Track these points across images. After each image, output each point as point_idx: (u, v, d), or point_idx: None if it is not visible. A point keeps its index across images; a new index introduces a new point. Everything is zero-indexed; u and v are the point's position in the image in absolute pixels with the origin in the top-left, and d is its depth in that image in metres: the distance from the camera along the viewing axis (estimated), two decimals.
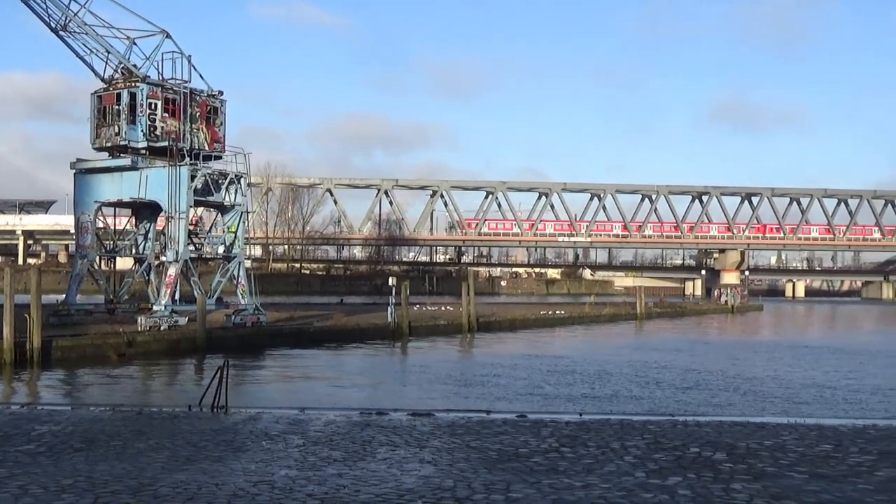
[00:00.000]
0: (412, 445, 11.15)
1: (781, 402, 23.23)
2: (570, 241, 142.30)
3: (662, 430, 12.63)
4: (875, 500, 8.11)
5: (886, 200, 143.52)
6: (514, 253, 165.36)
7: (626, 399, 23.21)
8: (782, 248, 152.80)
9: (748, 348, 43.36)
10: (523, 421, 13.81)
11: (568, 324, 59.10)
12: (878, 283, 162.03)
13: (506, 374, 28.62)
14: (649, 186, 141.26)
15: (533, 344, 43.99)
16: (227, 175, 38.35)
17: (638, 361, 33.96)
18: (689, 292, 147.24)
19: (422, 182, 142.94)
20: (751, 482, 8.92)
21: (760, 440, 11.78)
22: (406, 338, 42.25)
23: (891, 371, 32.20)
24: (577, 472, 9.39)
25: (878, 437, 12.43)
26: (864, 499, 8.15)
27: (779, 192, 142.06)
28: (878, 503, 7.97)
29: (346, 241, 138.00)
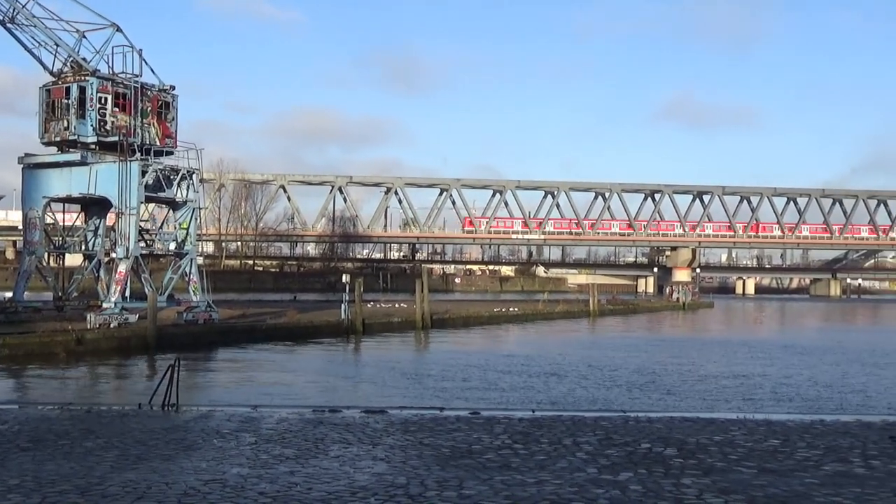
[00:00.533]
0: (365, 443, 11.12)
1: (732, 397, 23.53)
2: (524, 239, 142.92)
3: (614, 427, 12.72)
4: (821, 493, 8.24)
5: (834, 199, 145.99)
6: (468, 250, 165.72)
7: (580, 396, 23.36)
8: (733, 246, 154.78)
9: (700, 345, 43.84)
10: (476, 418, 13.83)
11: (522, 321, 59.36)
12: (826, 280, 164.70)
13: (460, 372, 28.68)
14: (602, 184, 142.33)
15: (487, 341, 44.14)
16: (178, 171, 37.98)
17: (592, 358, 34.19)
18: (641, 290, 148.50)
19: (376, 179, 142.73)
20: (700, 477, 9.02)
21: (710, 436, 11.92)
22: (360, 335, 42.17)
23: (838, 367, 32.73)
24: (529, 469, 9.43)
25: (824, 432, 12.62)
26: (810, 492, 8.27)
27: (730, 191, 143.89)
28: (824, 497, 8.09)
29: (299, 238, 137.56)
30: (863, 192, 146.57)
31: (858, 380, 28.57)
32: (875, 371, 31.58)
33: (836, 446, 11.20)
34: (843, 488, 8.49)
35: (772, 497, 8.05)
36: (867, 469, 9.65)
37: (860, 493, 8.29)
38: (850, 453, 10.66)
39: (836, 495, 8.15)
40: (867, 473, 9.39)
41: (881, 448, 11.12)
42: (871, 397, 24.33)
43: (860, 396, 24.43)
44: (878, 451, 10.83)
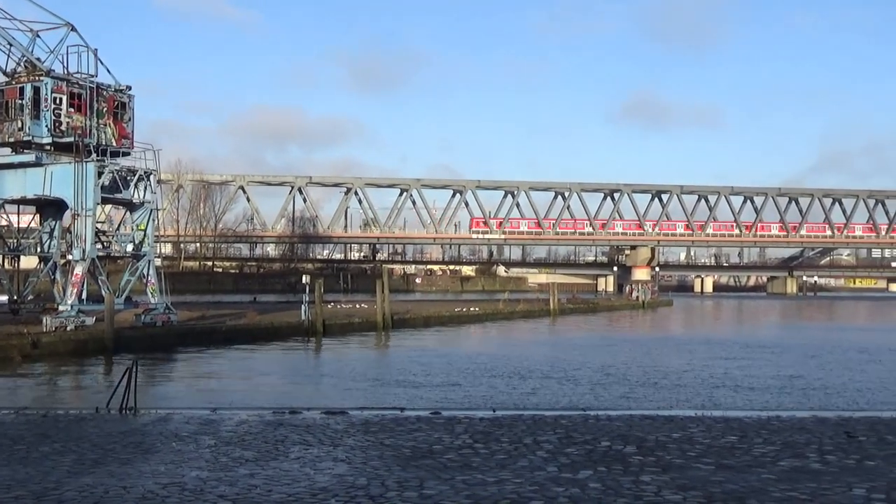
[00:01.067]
0: (326, 444, 11.09)
1: (691, 395, 23.73)
2: (485, 239, 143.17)
3: (574, 425, 12.79)
4: (777, 488, 8.34)
5: (791, 198, 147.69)
6: (428, 250, 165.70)
7: (543, 395, 23.44)
8: (691, 245, 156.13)
9: (659, 343, 44.18)
10: (437, 418, 13.84)
11: (482, 320, 59.46)
12: (782, 278, 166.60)
13: (420, 372, 28.66)
14: (562, 184, 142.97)
15: (448, 341, 44.15)
16: (135, 172, 37.60)
17: (554, 358, 34.33)
18: (601, 288, 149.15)
19: (336, 179, 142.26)
20: (659, 474, 9.09)
21: (669, 433, 12.02)
22: (320, 336, 42.00)
23: (796, 364, 33.12)
24: (490, 468, 9.45)
25: (781, 428, 12.78)
26: (766, 488, 8.37)
27: (687, 190, 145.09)
28: (781, 492, 8.19)
29: (259, 239, 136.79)
30: (818, 191, 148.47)
31: (816, 375, 28.95)
32: (834, 367, 32.00)
33: (793, 442, 11.35)
34: (799, 483, 8.60)
35: (729, 493, 8.14)
36: (822, 464, 9.78)
37: (816, 487, 8.40)
38: (806, 449, 10.80)
39: (791, 490, 8.25)
40: (823, 468, 9.52)
41: (836, 443, 11.28)
42: (829, 394, 24.66)
43: (820, 392, 24.75)
44: (834, 447, 10.99)
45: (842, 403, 21.81)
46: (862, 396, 23.95)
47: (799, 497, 7.97)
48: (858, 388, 25.94)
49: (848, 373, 30.24)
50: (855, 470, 9.44)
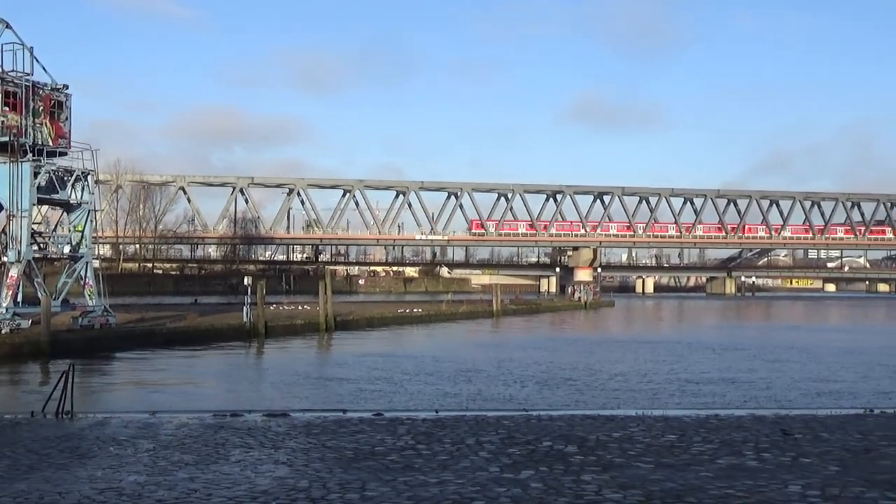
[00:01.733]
0: (267, 447, 11.00)
1: (632, 394, 23.97)
2: (428, 240, 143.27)
3: (516, 425, 12.84)
4: (715, 486, 8.45)
5: (729, 200, 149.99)
6: (371, 251, 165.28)
7: (487, 396, 23.51)
8: (633, 246, 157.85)
9: (602, 344, 44.56)
10: (380, 419, 13.81)
11: (426, 321, 59.48)
12: (721, 278, 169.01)
13: (364, 373, 28.60)
14: (505, 185, 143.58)
15: (391, 342, 44.10)
16: (73, 172, 36.97)
17: (496, 358, 34.45)
18: (544, 289, 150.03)
19: (278, 180, 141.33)
20: (600, 473, 9.16)
21: (610, 432, 12.12)
22: (262, 338, 41.69)
23: (735, 364, 33.63)
24: (432, 469, 9.45)
25: (719, 426, 12.96)
26: (704, 486, 8.48)
27: (629, 191, 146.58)
28: (718, 489, 8.30)
29: (200, 240, 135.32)
30: (756, 193, 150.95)
31: (755, 374, 29.41)
32: (771, 367, 32.54)
33: (730, 440, 11.51)
34: (736, 481, 8.73)
35: (668, 491, 8.23)
36: (759, 462, 9.93)
37: (752, 485, 8.53)
38: (743, 447, 10.96)
39: (729, 488, 8.37)
40: (759, 466, 9.67)
41: (773, 441, 11.46)
42: (767, 392, 25.07)
43: (757, 391, 25.14)
44: (770, 444, 11.17)
45: (778, 402, 22.19)
46: (798, 395, 24.39)
47: (736, 494, 8.08)
48: (795, 386, 26.42)
49: (785, 372, 30.78)
50: (790, 467, 9.61)
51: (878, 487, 8.42)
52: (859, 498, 7.98)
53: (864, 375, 29.73)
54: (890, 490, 8.31)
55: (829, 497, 8.01)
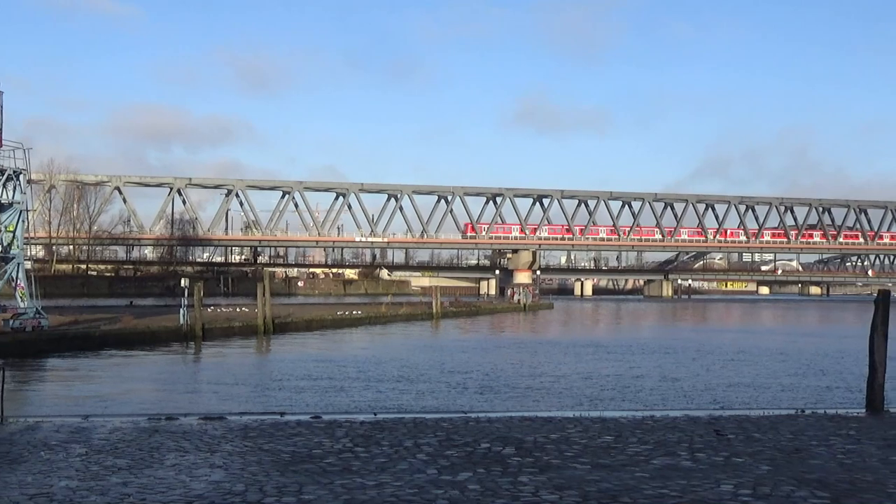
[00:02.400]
0: (202, 450, 10.87)
1: (570, 396, 24.15)
2: (368, 242, 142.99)
3: (455, 427, 12.86)
4: (650, 486, 8.56)
5: (666, 203, 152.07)
6: (311, 253, 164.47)
7: (425, 398, 23.51)
8: (571, 249, 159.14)
9: (540, 346, 44.81)
10: (318, 422, 13.74)
11: (365, 324, 59.31)
12: (658, 281, 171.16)
13: (303, 376, 28.41)
14: (445, 187, 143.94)
15: (331, 344, 43.87)
16: (4, 171, 36.18)
17: (435, 360, 34.48)
18: (483, 292, 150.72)
19: (216, 181, 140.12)
20: (537, 474, 9.22)
21: (547, 434, 12.20)
22: (199, 340, 41.20)
23: (670, 365, 34.04)
24: (370, 472, 9.43)
25: (655, 427, 13.12)
26: (639, 486, 8.58)
27: (568, 194, 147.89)
28: (653, 489, 8.41)
29: (136, 242, 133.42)
30: (692, 197, 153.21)
31: (690, 375, 29.79)
32: (706, 368, 32.99)
33: (665, 441, 11.66)
34: (671, 481, 8.85)
35: (604, 491, 8.31)
36: (693, 462, 10.08)
37: (686, 484, 8.65)
38: (677, 447, 11.11)
39: (663, 488, 8.48)
40: (693, 466, 9.81)
41: (706, 441, 11.64)
42: (701, 393, 25.41)
43: (692, 392, 25.47)
44: (704, 445, 11.34)
45: (713, 403, 22.51)
46: (732, 395, 24.77)
47: (670, 494, 8.19)
48: (729, 387, 26.83)
49: (720, 373, 31.24)
50: (723, 467, 9.77)
51: (808, 486, 8.60)
52: (789, 496, 8.14)
53: (796, 377, 30.30)
54: (819, 489, 8.49)
55: (761, 496, 8.16)
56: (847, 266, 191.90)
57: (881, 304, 16.36)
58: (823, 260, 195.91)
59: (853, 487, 8.60)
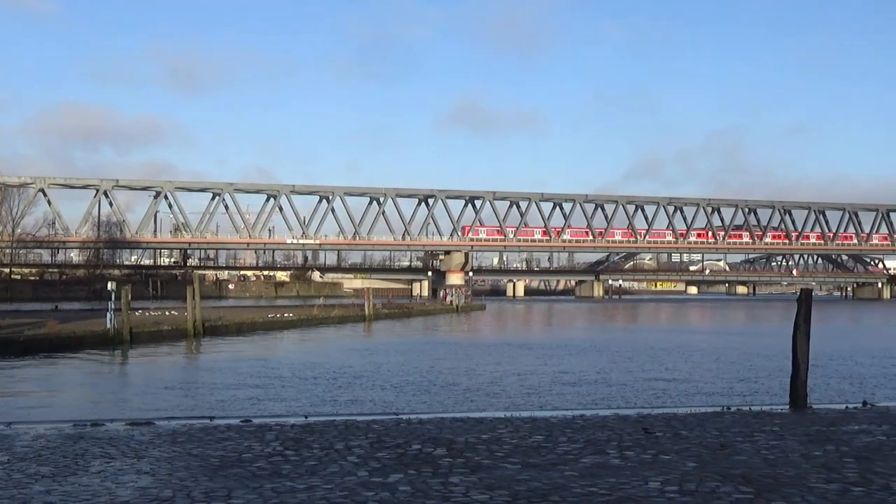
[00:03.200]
0: (129, 456, 10.69)
1: (501, 396, 24.27)
2: (299, 244, 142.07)
3: (386, 429, 12.84)
4: (579, 485, 8.64)
5: (597, 204, 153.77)
6: (241, 255, 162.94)
7: (358, 400, 23.44)
8: (503, 250, 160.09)
9: (474, 347, 44.97)
10: (248, 426, 13.61)
11: (297, 326, 58.93)
12: (590, 282, 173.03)
13: (233, 380, 28.12)
14: (377, 189, 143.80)
15: (262, 347, 43.50)
16: None
17: (367, 363, 34.39)
18: (416, 293, 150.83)
19: (144, 182, 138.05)
20: (468, 475, 9.24)
21: (478, 434, 12.24)
22: (127, 345, 40.52)
23: (601, 364, 34.41)
24: (300, 475, 9.36)
25: (585, 426, 13.25)
26: (569, 484, 8.66)
27: (500, 196, 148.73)
28: (582, 487, 8.49)
29: (61, 245, 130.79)
30: (622, 198, 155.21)
31: (620, 374, 30.15)
32: (636, 367, 33.43)
33: (595, 439, 11.78)
34: (600, 479, 8.94)
35: (534, 490, 8.37)
36: (622, 460, 10.20)
37: (614, 482, 8.75)
38: (607, 445, 11.23)
39: (592, 486, 8.56)
40: (622, 464, 9.92)
41: (635, 439, 11.78)
42: (631, 392, 25.74)
43: (623, 391, 25.79)
44: (633, 443, 11.48)
45: (642, 401, 22.82)
46: (661, 394, 25.14)
47: (598, 492, 8.28)
48: (658, 386, 27.22)
49: (649, 371, 31.67)
50: (651, 464, 9.90)
51: (733, 482, 8.77)
52: (714, 492, 8.28)
53: (723, 374, 30.85)
54: (743, 484, 8.66)
55: (687, 492, 8.29)
56: (772, 266, 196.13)
57: (803, 303, 16.73)
58: (750, 260, 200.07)
59: (776, 482, 8.79)
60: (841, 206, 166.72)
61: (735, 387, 27.03)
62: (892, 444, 11.48)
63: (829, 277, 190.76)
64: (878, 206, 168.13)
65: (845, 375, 30.07)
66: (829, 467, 9.71)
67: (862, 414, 15.36)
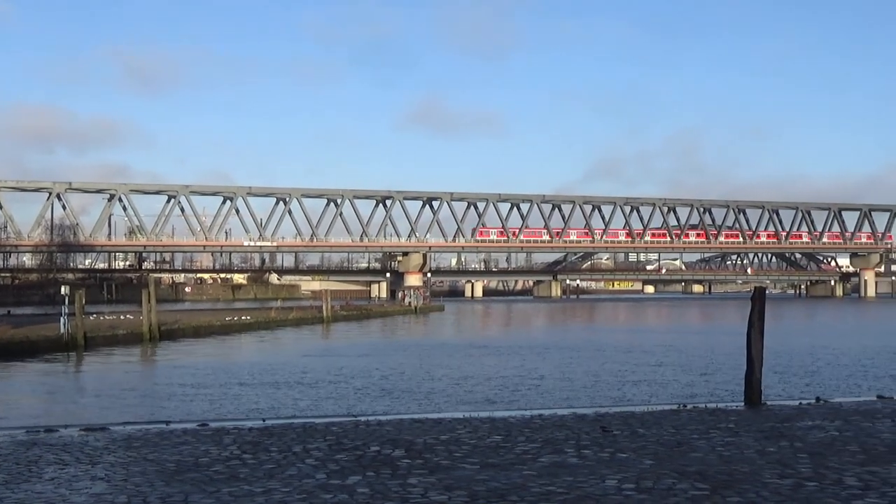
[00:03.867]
0: (83, 462, 10.56)
1: (462, 397, 24.30)
2: (256, 246, 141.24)
3: (345, 431, 12.81)
4: (537, 484, 8.68)
5: (554, 205, 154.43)
6: (198, 258, 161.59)
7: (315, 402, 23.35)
8: (461, 251, 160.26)
9: (434, 348, 44.96)
10: (205, 430, 13.50)
11: (255, 329, 58.61)
12: (548, 282, 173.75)
13: (190, 384, 27.88)
14: (334, 191, 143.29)
15: (220, 351, 43.21)
16: None
17: (325, 365, 34.27)
18: (374, 295, 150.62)
19: (98, 185, 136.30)
20: (426, 476, 9.24)
21: (437, 435, 12.25)
22: (81, 350, 40.05)
23: (560, 364, 34.57)
24: (258, 478, 9.31)
25: (543, 426, 13.30)
26: (527, 483, 8.69)
27: (457, 197, 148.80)
28: (540, 487, 8.53)
29: (13, 249, 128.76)
30: (579, 198, 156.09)
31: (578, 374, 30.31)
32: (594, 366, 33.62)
33: (553, 439, 11.83)
34: (558, 478, 8.98)
35: (492, 490, 8.39)
36: (579, 458, 10.25)
37: (572, 481, 8.79)
38: (565, 444, 11.28)
39: (550, 485, 8.60)
40: (579, 462, 9.98)
41: (593, 438, 11.85)
42: (589, 391, 25.88)
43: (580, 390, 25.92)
44: (590, 442, 11.54)
45: (600, 400, 22.96)
46: (619, 392, 25.31)
47: (556, 491, 8.32)
48: (616, 384, 27.40)
49: (607, 370, 31.86)
50: (609, 462, 9.96)
51: (689, 479, 8.85)
52: (671, 489, 8.36)
53: (680, 372, 31.14)
54: (699, 480, 8.74)
55: (644, 489, 8.36)
56: (727, 265, 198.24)
57: (757, 301, 16.93)
58: (705, 259, 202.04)
59: (731, 478, 8.88)
60: (794, 205, 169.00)
61: (691, 384, 27.29)
62: (844, 440, 11.65)
63: (782, 275, 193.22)
64: (830, 205, 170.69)
65: (799, 372, 30.50)
66: (783, 463, 9.83)
67: (815, 410, 15.58)
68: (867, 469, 9.40)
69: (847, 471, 9.29)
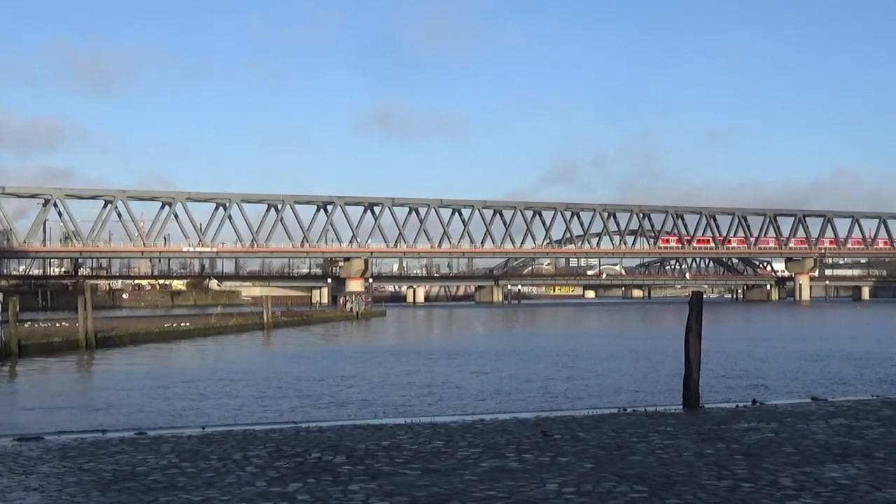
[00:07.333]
0: (17, 473, 10.35)
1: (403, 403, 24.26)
2: (196, 252, 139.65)
3: (285, 438, 12.73)
4: (478, 489, 8.70)
5: (495, 210, 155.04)
6: (136, 264, 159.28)
7: (255, 410, 23.15)
8: (403, 256, 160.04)
9: (373, 355, 44.82)
10: (142, 438, 13.32)
11: (194, 336, 57.95)
12: (489, 287, 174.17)
13: (128, 392, 27.48)
14: (275, 196, 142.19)
15: (158, 358, 42.63)
16: None
17: (267, 372, 34.01)
18: (316, 300, 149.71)
19: (32, 190, 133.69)
20: (368, 482, 9.22)
21: (378, 441, 12.23)
22: (15, 358, 39.24)
23: (501, 369, 34.67)
24: (196, 487, 9.20)
25: (484, 430, 13.35)
26: (468, 488, 8.71)
27: (399, 202, 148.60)
28: (481, 491, 8.55)
29: None
30: (520, 204, 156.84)
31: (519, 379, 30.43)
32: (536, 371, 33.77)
33: (494, 443, 11.87)
34: (498, 482, 9.02)
35: (434, 496, 8.39)
36: (520, 463, 10.30)
37: (513, 485, 8.83)
38: (506, 449, 11.33)
39: (491, 489, 8.63)
40: (520, 467, 10.03)
41: (533, 442, 11.92)
42: (530, 395, 25.99)
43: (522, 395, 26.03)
44: (531, 446, 11.61)
45: (540, 404, 23.07)
46: (559, 396, 25.46)
47: (497, 495, 8.35)
48: (556, 388, 27.57)
49: (547, 375, 32.04)
50: (549, 466, 10.03)
51: (628, 481, 8.94)
52: (611, 492, 8.44)
53: (619, 376, 31.43)
54: (638, 483, 8.84)
55: (584, 493, 8.42)
56: (667, 269, 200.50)
57: (695, 305, 17.17)
58: (645, 264, 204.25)
59: (669, 481, 8.99)
60: (731, 210, 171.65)
61: (631, 388, 27.56)
62: (779, 441, 11.86)
63: (720, 280, 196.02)
64: (766, 211, 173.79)
65: (736, 375, 30.96)
66: (720, 465, 9.98)
67: (751, 412, 15.84)
68: (801, 470, 9.58)
69: (782, 472, 9.46)
